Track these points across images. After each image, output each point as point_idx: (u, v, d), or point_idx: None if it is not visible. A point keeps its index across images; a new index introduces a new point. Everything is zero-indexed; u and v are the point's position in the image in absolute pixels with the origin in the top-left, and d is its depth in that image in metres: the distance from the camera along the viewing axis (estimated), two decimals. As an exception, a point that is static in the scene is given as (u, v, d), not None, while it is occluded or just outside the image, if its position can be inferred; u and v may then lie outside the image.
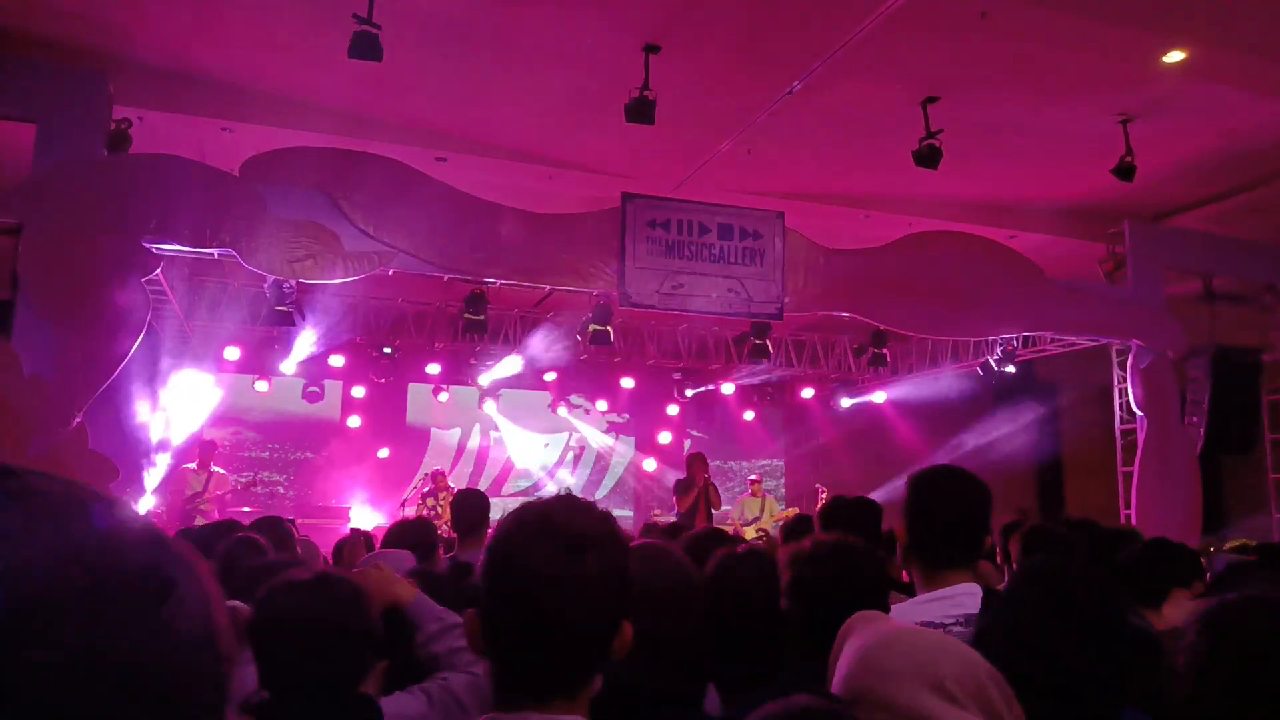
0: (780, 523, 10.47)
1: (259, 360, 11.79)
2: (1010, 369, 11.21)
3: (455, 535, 4.84)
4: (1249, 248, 9.80)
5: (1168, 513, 8.80)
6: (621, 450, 14.86)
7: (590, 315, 9.51)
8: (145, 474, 9.66)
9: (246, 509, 10.34)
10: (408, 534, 3.93)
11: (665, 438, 14.62)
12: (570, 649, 1.24)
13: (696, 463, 10.10)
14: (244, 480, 11.26)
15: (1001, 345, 10.93)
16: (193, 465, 10.11)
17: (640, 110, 6.87)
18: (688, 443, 14.46)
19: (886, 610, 2.00)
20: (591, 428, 14.66)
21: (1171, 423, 9.50)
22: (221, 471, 10.24)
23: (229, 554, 3.15)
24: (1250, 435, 10.00)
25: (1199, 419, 9.68)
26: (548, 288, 8.84)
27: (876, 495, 4.28)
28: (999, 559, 4.64)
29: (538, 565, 1.23)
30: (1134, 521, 8.89)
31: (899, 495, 2.38)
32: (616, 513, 13.32)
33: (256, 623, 1.88)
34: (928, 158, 7.51)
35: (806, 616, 2.00)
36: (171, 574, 0.57)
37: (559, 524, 1.26)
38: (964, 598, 2.07)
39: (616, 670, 1.30)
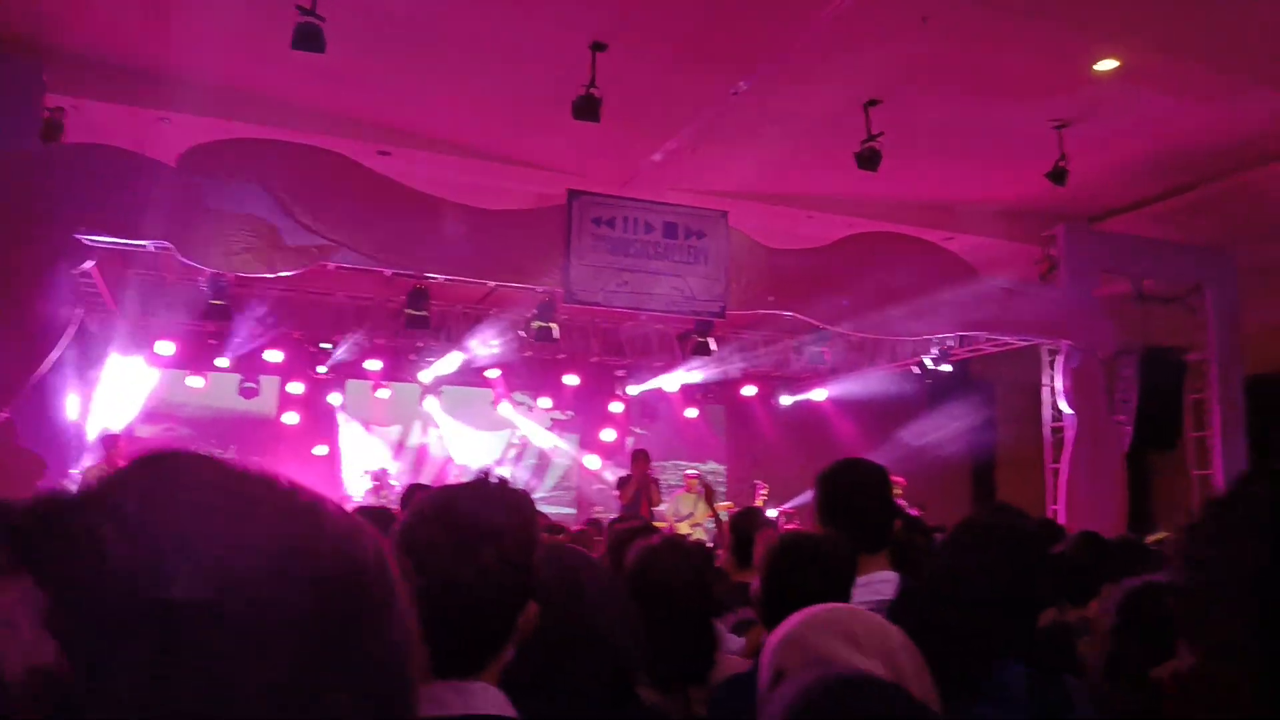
0: (713, 519, 10.55)
1: (193, 355, 11.52)
2: (946, 368, 11.45)
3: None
4: (1178, 250, 10.13)
5: (1095, 508, 9.05)
6: (564, 447, 14.84)
7: (534, 312, 9.50)
8: (74, 470, 9.40)
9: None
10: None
11: (608, 435, 14.63)
12: (469, 632, 1.30)
13: (639, 459, 10.14)
14: None
15: (938, 345, 11.16)
16: (88, 462, 9.70)
17: (587, 108, 6.87)
18: (631, 440, 14.49)
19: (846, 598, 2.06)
20: (534, 424, 14.61)
21: (1100, 420, 9.78)
22: None
23: None
24: (1174, 433, 10.34)
25: (1126, 417, 9.98)
26: (491, 284, 8.80)
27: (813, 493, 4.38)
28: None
29: (433, 557, 1.28)
30: (1061, 517, 9.14)
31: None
32: (558, 510, 13.35)
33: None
34: (869, 160, 7.63)
35: (776, 606, 2.05)
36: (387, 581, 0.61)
37: (459, 516, 1.32)
38: (880, 585, 2.18)
39: (543, 659, 1.34)
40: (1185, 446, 10.45)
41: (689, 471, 12.30)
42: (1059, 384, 9.81)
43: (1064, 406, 9.77)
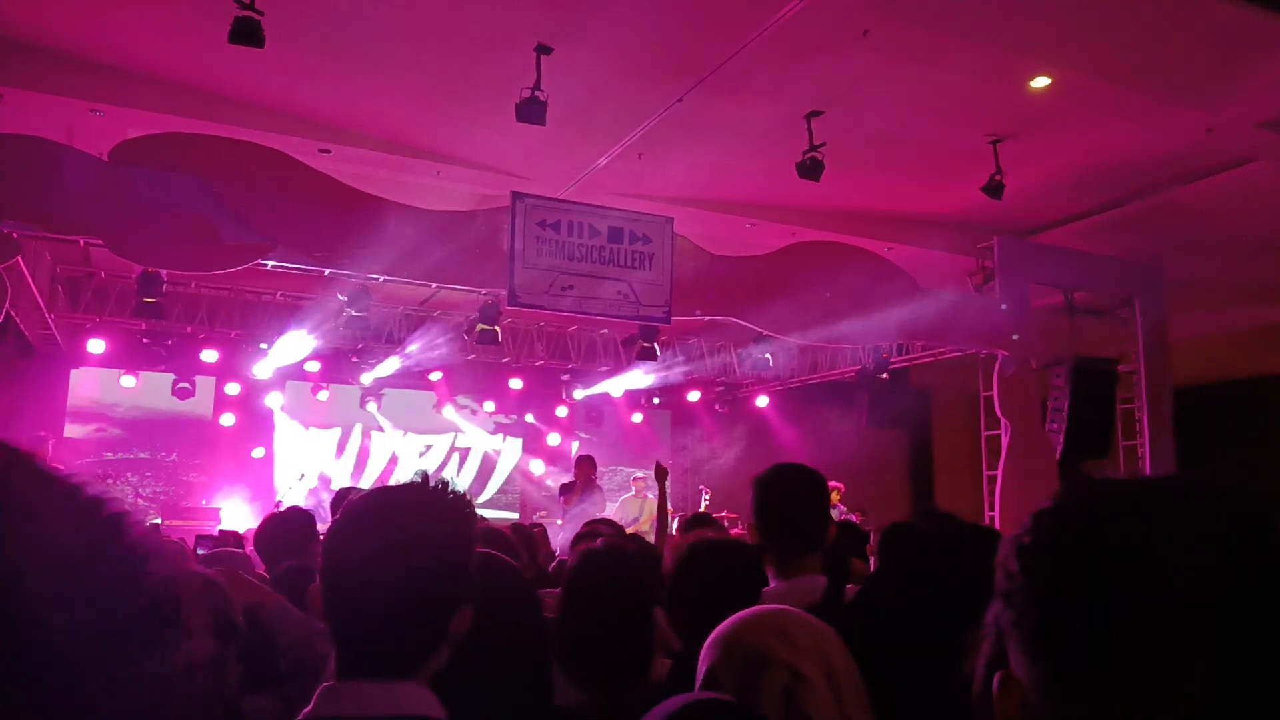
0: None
1: (126, 354, 11.26)
2: (885, 375, 11.62)
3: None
4: (1109, 264, 10.40)
5: (1029, 513, 9.22)
6: (509, 452, 14.77)
7: (478, 314, 9.43)
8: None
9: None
10: (286, 526, 3.83)
11: (554, 439, 14.60)
12: (398, 632, 1.29)
13: (584, 464, 10.10)
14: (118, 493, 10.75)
15: (876, 352, 11.32)
16: None
17: (531, 110, 6.86)
18: (575, 445, 14.46)
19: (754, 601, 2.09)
20: (478, 429, 14.52)
21: (1033, 428, 10.00)
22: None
23: None
24: (1105, 441, 10.60)
25: (1059, 425, 10.21)
26: (434, 285, 8.74)
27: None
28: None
29: (365, 560, 1.28)
30: (998, 523, 9.32)
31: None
32: (502, 515, 13.29)
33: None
34: (810, 170, 7.72)
35: (686, 611, 2.07)
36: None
37: (392, 518, 1.31)
38: (808, 588, 2.21)
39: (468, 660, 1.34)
40: (1116, 455, 10.71)
41: (636, 476, 12.33)
42: (994, 392, 10.01)
43: (999, 414, 9.97)
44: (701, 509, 10.70)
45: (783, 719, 1.22)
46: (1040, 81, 7.04)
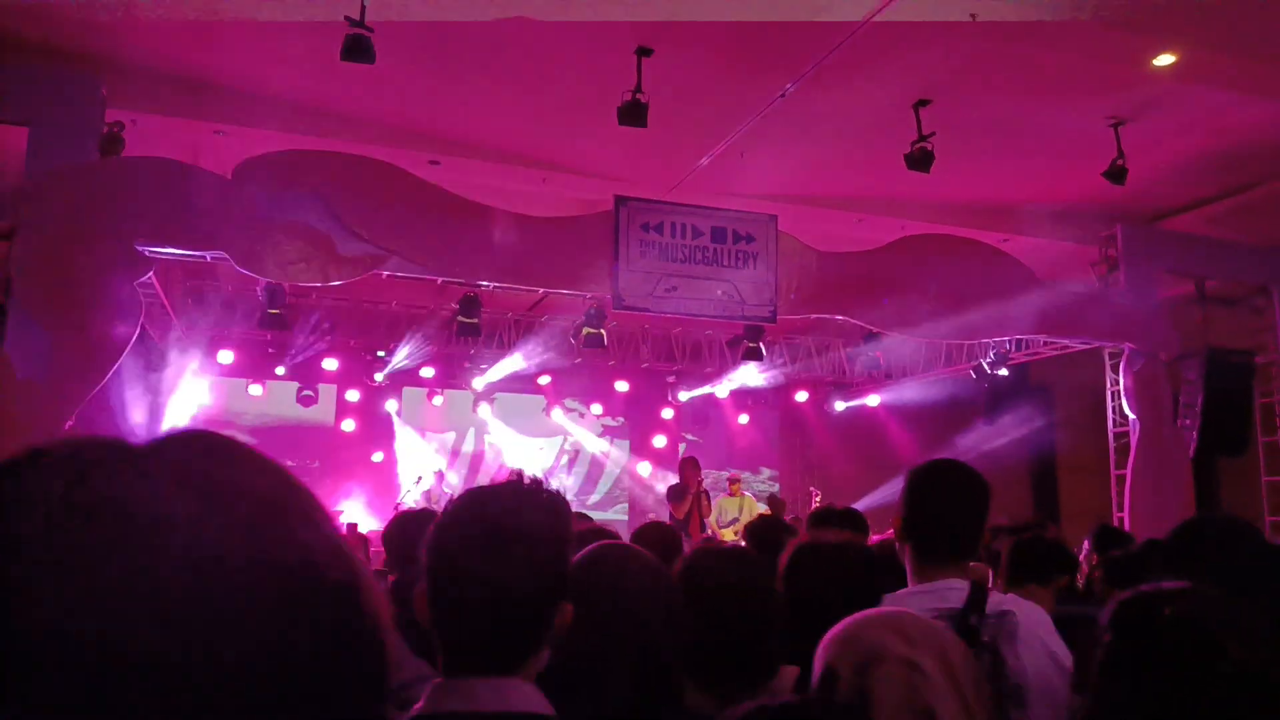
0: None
1: (253, 364, 11.78)
2: (1003, 372, 11.24)
3: None
4: (1241, 250, 9.84)
5: (1161, 515, 8.80)
6: (616, 454, 14.86)
7: (584, 318, 9.52)
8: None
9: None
10: (411, 527, 3.83)
11: (660, 441, 14.62)
12: (502, 632, 1.31)
13: (689, 467, 10.06)
14: None
15: (995, 348, 10.96)
16: None
17: (633, 113, 6.88)
18: (683, 446, 14.46)
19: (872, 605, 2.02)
20: (586, 431, 14.66)
21: (1164, 425, 9.52)
22: None
23: None
24: (1243, 438, 10.03)
25: (1192, 421, 9.70)
26: (541, 291, 8.86)
27: (871, 499, 4.30)
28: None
29: (466, 560, 1.31)
30: (1128, 524, 8.91)
31: (891, 499, 2.38)
32: (612, 516, 13.37)
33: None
34: (920, 161, 7.53)
35: (800, 617, 2.02)
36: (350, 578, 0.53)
37: (491, 517, 1.33)
38: (949, 593, 2.07)
39: (586, 660, 1.34)
40: (1255, 451, 10.12)
41: (731, 475, 12.24)
42: (1122, 388, 9.57)
43: (1128, 411, 9.53)
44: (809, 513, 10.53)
45: (902, 712, 1.18)
46: (1164, 59, 6.70)
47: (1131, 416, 9.50)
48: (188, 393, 11.28)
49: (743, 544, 3.77)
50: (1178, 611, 1.32)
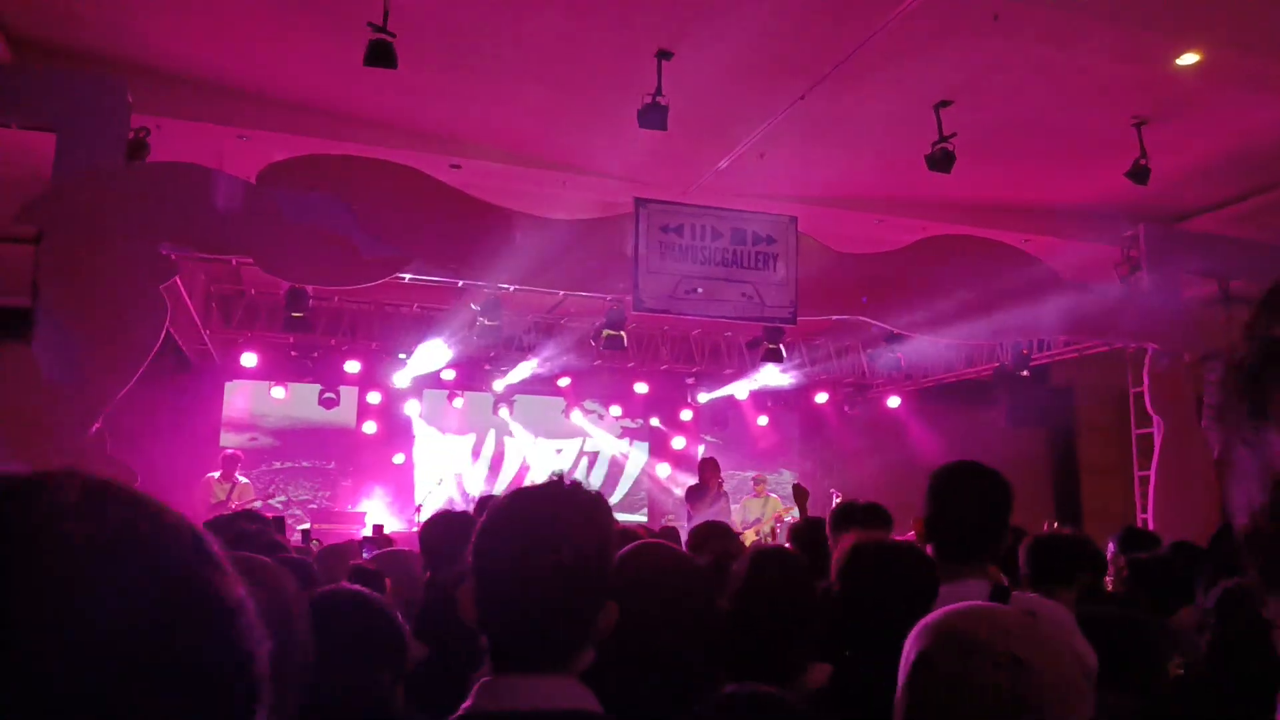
0: (777, 521, 10.43)
1: (275, 367, 11.87)
2: (1025, 373, 11.18)
3: None
4: (1266, 250, 9.73)
5: (1185, 517, 8.73)
6: (636, 456, 14.87)
7: (603, 320, 9.54)
8: (162, 480, 9.73)
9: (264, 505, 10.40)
10: (453, 527, 3.82)
11: (679, 443, 14.62)
12: (548, 630, 1.32)
13: (709, 468, 10.06)
14: (278, 501, 11.40)
15: (1016, 349, 10.90)
16: (216, 474, 10.18)
17: (653, 115, 6.90)
18: (702, 448, 14.45)
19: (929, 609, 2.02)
20: (605, 433, 14.68)
21: (1188, 426, 9.44)
22: (245, 481, 10.30)
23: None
24: (1268, 438, 9.91)
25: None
26: (561, 293, 8.88)
27: (890, 500, 4.27)
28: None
29: (512, 560, 1.32)
30: (1151, 525, 8.84)
31: (911, 500, 2.38)
32: (631, 517, 13.38)
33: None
34: (941, 161, 7.51)
35: (856, 617, 2.02)
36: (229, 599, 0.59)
37: (535, 518, 1.35)
38: (970, 593, 2.07)
39: (626, 657, 1.35)
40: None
41: (756, 476, 12.23)
42: (1145, 389, 9.50)
43: (1150, 412, 9.46)
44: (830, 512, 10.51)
45: (1006, 705, 1.18)
46: (1188, 59, 6.66)
47: (1155, 418, 9.42)
48: (213, 396, 11.40)
49: (769, 543, 3.78)
50: None
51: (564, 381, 13.26)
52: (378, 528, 8.53)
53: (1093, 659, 1.99)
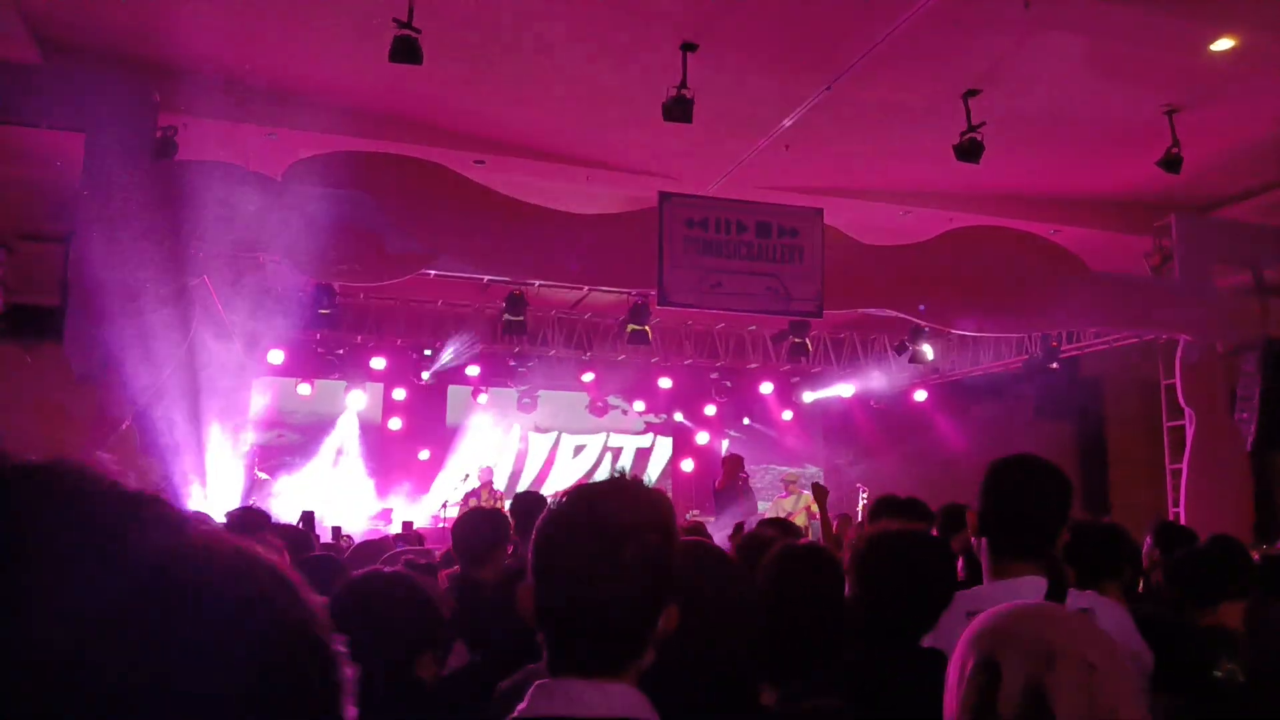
0: (811, 518, 10.38)
1: (302, 363, 11.92)
2: (1054, 365, 11.06)
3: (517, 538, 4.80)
4: (1300, 239, 9.59)
5: (1218, 511, 8.62)
6: (660, 451, 14.85)
7: (628, 315, 9.52)
8: (193, 476, 9.80)
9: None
10: (482, 526, 3.82)
11: (703, 438, 14.59)
12: (610, 631, 1.29)
13: (732, 464, 10.03)
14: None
15: (1044, 341, 10.79)
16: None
17: (678, 109, 6.86)
18: (725, 442, 14.41)
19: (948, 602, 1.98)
20: (629, 428, 14.67)
21: (1220, 418, 9.32)
22: (265, 476, 10.34)
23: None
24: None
25: (1249, 414, 9.48)
26: (586, 288, 8.87)
27: (918, 494, 4.23)
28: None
29: (576, 558, 1.28)
30: (1184, 519, 8.73)
31: (939, 494, 2.33)
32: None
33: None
34: (969, 151, 7.43)
35: (872, 605, 1.99)
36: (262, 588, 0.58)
37: (600, 515, 1.30)
38: (1027, 590, 2.02)
39: (671, 661, 1.32)
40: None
41: (787, 475, 12.17)
42: (1176, 380, 9.38)
43: (1182, 404, 9.33)
44: (859, 508, 10.46)
45: (1082, 711, 1.14)
46: (1222, 44, 6.55)
47: (1186, 409, 9.30)
48: (240, 393, 11.46)
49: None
50: None
51: (588, 377, 13.25)
52: (407, 524, 8.56)
53: (1149, 659, 1.95)
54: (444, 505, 11.73)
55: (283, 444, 12.69)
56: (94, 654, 0.48)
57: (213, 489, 10.10)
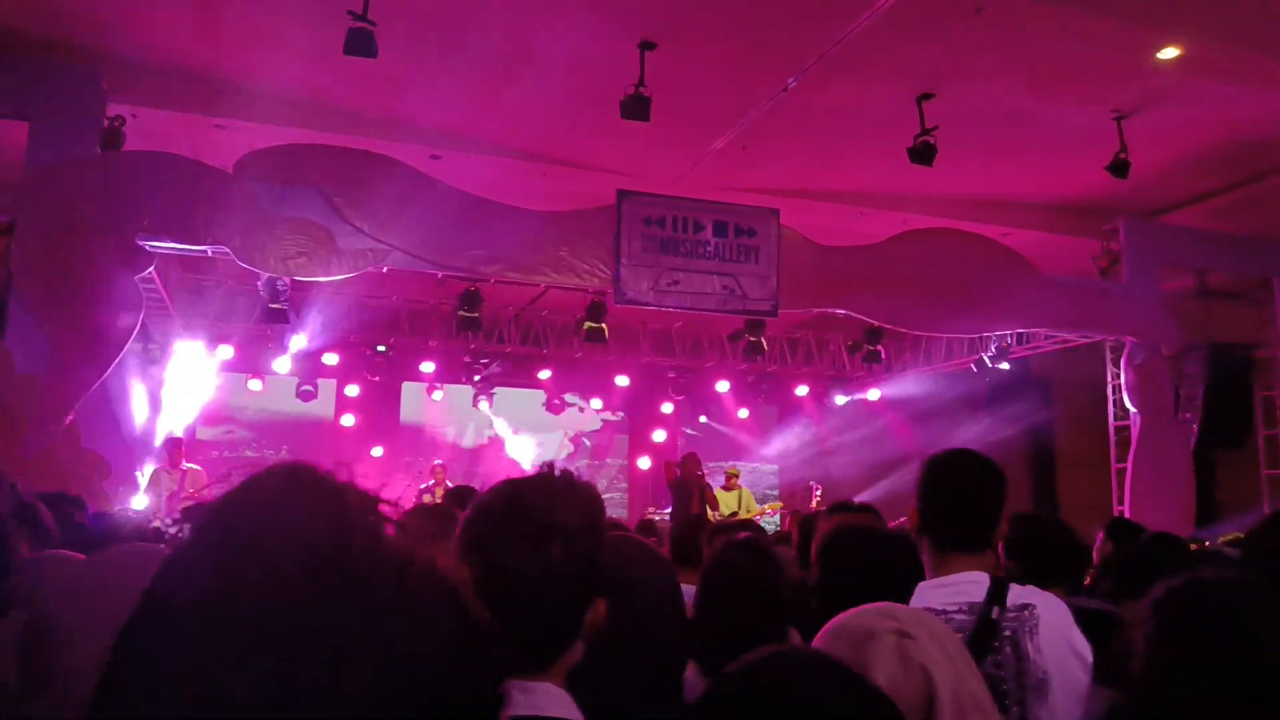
0: (763, 516, 10.44)
1: (252, 359, 11.73)
2: (1004, 365, 11.24)
3: None
4: (1244, 243, 9.83)
5: (1161, 508, 8.81)
6: (616, 448, 14.85)
7: (584, 313, 9.50)
8: (138, 472, 9.60)
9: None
10: (430, 524, 3.76)
11: (660, 435, 14.61)
12: (537, 627, 1.25)
13: (690, 463, 10.03)
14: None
15: (996, 342, 10.96)
16: (163, 465, 9.88)
17: (635, 107, 6.86)
18: (682, 441, 14.45)
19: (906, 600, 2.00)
20: (586, 426, 14.65)
21: (1165, 419, 9.52)
22: (196, 468, 10.09)
23: None
24: (1243, 431, 10.03)
25: (1192, 415, 9.71)
26: (542, 285, 8.83)
27: (871, 493, 4.28)
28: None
29: (502, 553, 1.24)
30: (1128, 516, 8.92)
31: (893, 493, 2.36)
32: (610, 512, 13.35)
33: None
34: (922, 154, 7.51)
35: (834, 600, 2.00)
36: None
37: (527, 511, 1.27)
38: (969, 585, 2.03)
39: (600, 654, 1.30)
40: (1255, 445, 10.13)
41: (726, 469, 12.22)
42: (1123, 382, 9.57)
43: (1128, 405, 9.53)
44: (813, 505, 10.53)
45: (898, 675, 1.16)
46: (1168, 53, 6.69)
47: (1132, 410, 9.50)
48: (188, 387, 11.25)
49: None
50: (1219, 602, 1.32)
51: (544, 374, 13.19)
52: None
53: (1088, 652, 1.98)
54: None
55: (231, 440, 12.50)
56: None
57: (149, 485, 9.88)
